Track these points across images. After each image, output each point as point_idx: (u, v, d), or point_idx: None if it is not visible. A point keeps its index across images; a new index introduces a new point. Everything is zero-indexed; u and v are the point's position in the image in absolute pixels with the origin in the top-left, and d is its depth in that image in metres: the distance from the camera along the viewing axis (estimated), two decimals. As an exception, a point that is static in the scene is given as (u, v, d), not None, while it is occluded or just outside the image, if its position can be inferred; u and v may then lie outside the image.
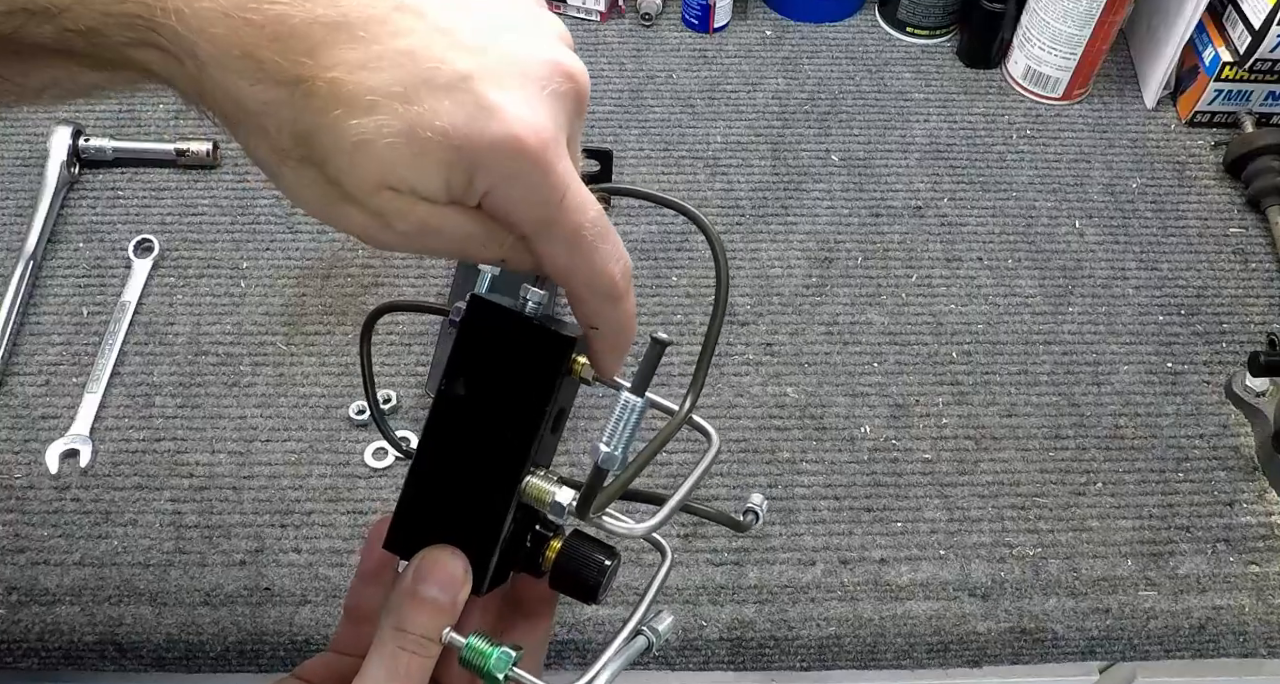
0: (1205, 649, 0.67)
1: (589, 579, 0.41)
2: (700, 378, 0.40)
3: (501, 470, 0.39)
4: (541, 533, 0.42)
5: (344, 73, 0.28)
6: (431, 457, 0.40)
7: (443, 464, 0.40)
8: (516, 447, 0.39)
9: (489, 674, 0.38)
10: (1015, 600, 0.66)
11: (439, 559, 0.39)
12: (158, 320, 0.74)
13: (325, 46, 0.28)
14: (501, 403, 0.39)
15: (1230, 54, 0.85)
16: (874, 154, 0.87)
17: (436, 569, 0.38)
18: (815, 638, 0.64)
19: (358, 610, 0.44)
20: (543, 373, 0.38)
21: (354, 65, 0.29)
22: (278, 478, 0.68)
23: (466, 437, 0.39)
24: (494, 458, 0.39)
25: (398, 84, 0.29)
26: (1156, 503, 0.70)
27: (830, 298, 0.78)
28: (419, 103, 0.29)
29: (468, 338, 0.39)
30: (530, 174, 0.31)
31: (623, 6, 0.96)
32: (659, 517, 0.39)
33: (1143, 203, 0.85)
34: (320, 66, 0.28)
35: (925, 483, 0.70)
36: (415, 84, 0.29)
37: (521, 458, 0.39)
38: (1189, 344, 0.77)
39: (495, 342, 0.39)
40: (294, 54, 0.28)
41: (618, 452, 0.37)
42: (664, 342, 0.36)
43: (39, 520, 0.66)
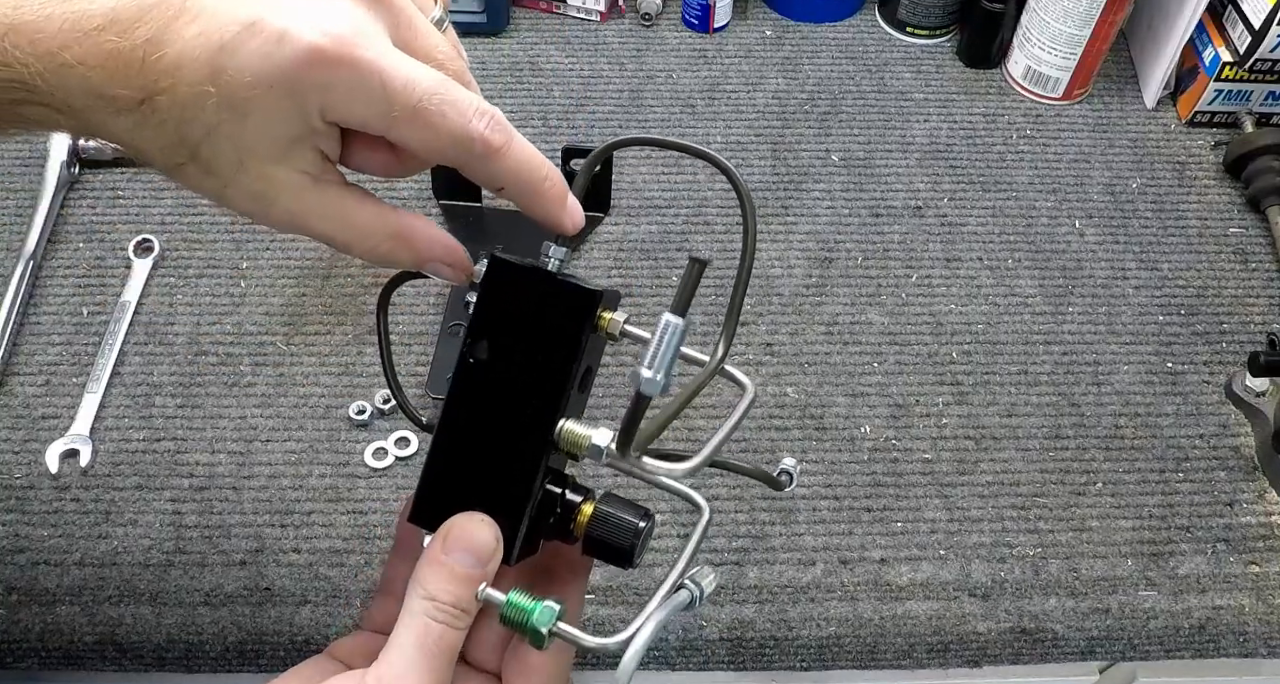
0: (1205, 649, 0.67)
1: (624, 543, 0.40)
2: (732, 326, 0.39)
3: (529, 433, 0.38)
4: (571, 499, 0.40)
5: (168, 81, 0.32)
6: (455, 425, 0.39)
7: (467, 431, 0.38)
8: (544, 407, 0.38)
9: (532, 629, 0.37)
10: (1015, 600, 0.66)
11: (467, 526, 0.38)
12: (158, 320, 0.74)
13: (148, 64, 0.32)
14: (527, 363, 0.38)
15: (1230, 54, 0.85)
16: (874, 154, 0.87)
17: (465, 536, 0.38)
18: (815, 638, 0.64)
19: (391, 585, 0.43)
20: (569, 328, 0.38)
21: (170, 69, 0.32)
22: (278, 478, 0.68)
23: (491, 401, 0.38)
24: (521, 421, 0.38)
25: (205, 65, 0.32)
26: (1156, 503, 0.70)
27: (830, 298, 0.78)
28: (227, 69, 0.32)
29: (489, 298, 0.38)
30: (342, 74, 0.33)
31: (623, 6, 0.96)
32: (699, 457, 0.38)
33: (1143, 203, 0.85)
34: (151, 82, 0.32)
35: (925, 483, 0.70)
36: (216, 55, 0.32)
37: (550, 419, 0.38)
38: (1189, 344, 0.77)
39: (518, 300, 0.38)
40: (131, 81, 0.32)
41: (659, 376, 0.35)
42: (703, 260, 0.35)
43: (39, 520, 0.66)
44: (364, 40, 0.33)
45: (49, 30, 0.32)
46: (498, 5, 0.91)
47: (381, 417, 0.71)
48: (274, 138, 0.34)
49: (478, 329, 0.38)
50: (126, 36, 0.32)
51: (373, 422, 0.70)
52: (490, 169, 0.37)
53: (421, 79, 0.34)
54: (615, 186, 0.81)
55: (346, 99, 0.34)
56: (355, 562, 0.65)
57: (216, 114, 0.32)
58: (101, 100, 0.33)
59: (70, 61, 0.32)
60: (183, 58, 0.32)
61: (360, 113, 0.34)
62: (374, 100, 0.34)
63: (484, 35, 0.92)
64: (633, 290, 0.78)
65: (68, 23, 0.32)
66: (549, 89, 0.89)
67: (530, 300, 0.38)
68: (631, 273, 0.79)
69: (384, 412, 0.70)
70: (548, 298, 0.38)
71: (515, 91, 0.89)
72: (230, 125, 0.33)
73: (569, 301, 0.38)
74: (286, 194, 0.35)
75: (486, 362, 0.38)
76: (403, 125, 0.35)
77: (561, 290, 0.38)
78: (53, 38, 0.32)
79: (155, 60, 0.32)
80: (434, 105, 0.34)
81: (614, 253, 0.79)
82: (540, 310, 0.38)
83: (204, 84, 0.32)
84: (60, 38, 0.32)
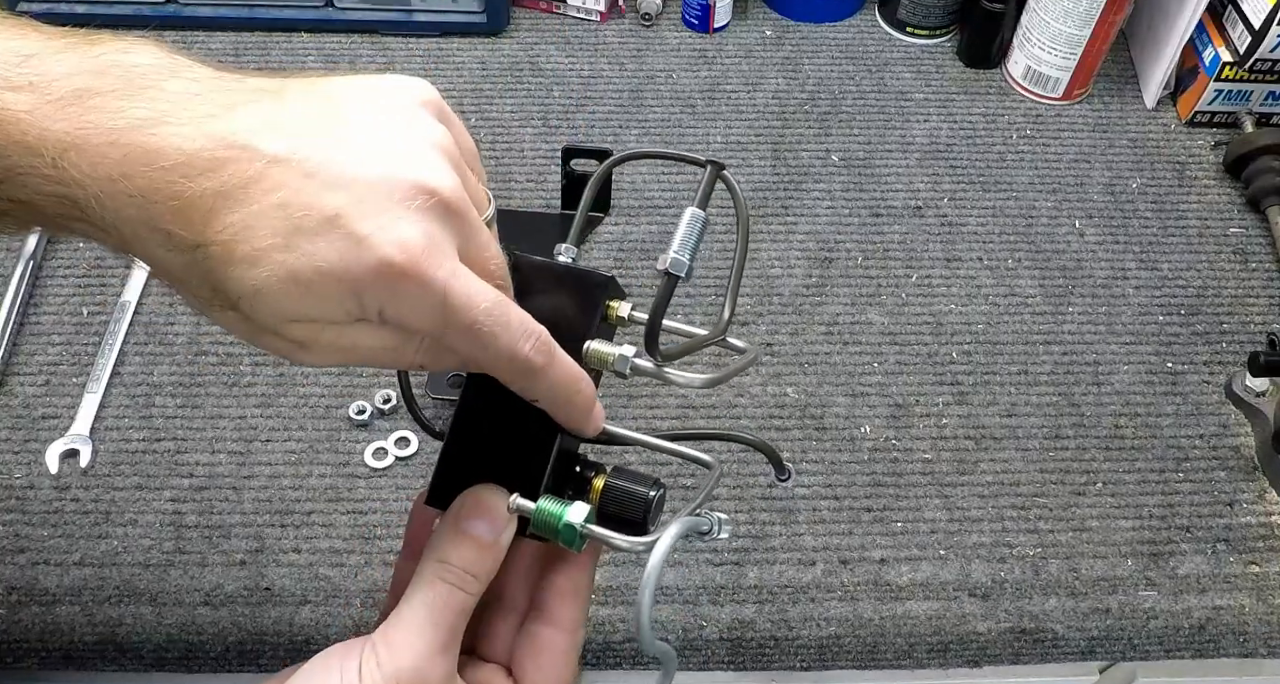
0: (1205, 649, 0.67)
1: (636, 513, 0.41)
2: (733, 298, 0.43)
3: (543, 413, 0.40)
4: (582, 474, 0.42)
5: (230, 235, 0.33)
6: (471, 409, 0.41)
7: (483, 415, 0.41)
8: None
9: (565, 526, 0.39)
10: (1015, 600, 0.66)
11: (481, 495, 0.40)
12: (158, 320, 0.74)
13: (215, 213, 0.33)
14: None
15: (1230, 54, 0.85)
16: (874, 154, 0.87)
17: (480, 506, 0.40)
18: (815, 638, 0.64)
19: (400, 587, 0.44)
20: (584, 310, 0.41)
21: (238, 227, 0.33)
22: (278, 478, 0.68)
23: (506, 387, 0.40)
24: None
25: (276, 236, 0.33)
26: (1156, 503, 0.70)
27: (830, 298, 0.78)
28: (296, 249, 0.33)
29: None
30: (409, 288, 0.34)
31: (623, 6, 0.96)
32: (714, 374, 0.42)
33: (1143, 203, 0.85)
34: (213, 232, 0.33)
35: (925, 483, 0.70)
36: (290, 233, 0.33)
37: None
38: (1189, 344, 0.77)
39: (535, 289, 0.41)
40: (192, 225, 0.33)
41: (685, 257, 0.40)
42: (720, 165, 0.40)
43: (39, 520, 0.66)
44: (435, 255, 0.34)
45: (114, 157, 0.32)
46: (498, 5, 0.91)
47: (381, 417, 0.71)
48: (324, 313, 0.35)
49: None
50: (196, 182, 0.32)
51: (373, 422, 0.70)
52: (529, 385, 0.39)
53: (480, 299, 0.36)
54: (615, 186, 0.81)
55: (407, 308, 0.35)
56: (355, 562, 0.65)
57: (272, 282, 0.33)
58: (156, 234, 0.33)
59: (131, 191, 0.32)
60: (253, 222, 0.33)
61: (415, 322, 0.35)
62: (433, 314, 0.35)
63: (484, 35, 0.92)
64: (633, 290, 0.78)
65: (134, 153, 0.32)
66: (549, 89, 0.89)
67: (548, 288, 0.41)
68: (631, 273, 0.79)
69: (384, 412, 0.70)
70: (564, 284, 0.41)
71: (515, 91, 0.89)
72: (282, 295, 0.34)
73: (584, 286, 0.41)
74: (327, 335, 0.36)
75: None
76: (454, 338, 0.36)
77: (577, 276, 0.41)
78: (116, 165, 0.32)
79: (223, 214, 0.33)
80: (487, 326, 0.36)
81: (614, 253, 0.79)
82: (557, 297, 0.41)
83: (270, 252, 0.33)
84: (124, 166, 0.32)
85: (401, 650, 0.38)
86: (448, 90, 0.88)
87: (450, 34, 0.92)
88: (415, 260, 0.34)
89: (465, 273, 0.35)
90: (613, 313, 0.42)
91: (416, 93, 0.37)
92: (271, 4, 0.91)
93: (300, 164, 0.33)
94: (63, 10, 0.91)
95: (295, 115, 0.34)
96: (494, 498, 0.40)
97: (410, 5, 0.91)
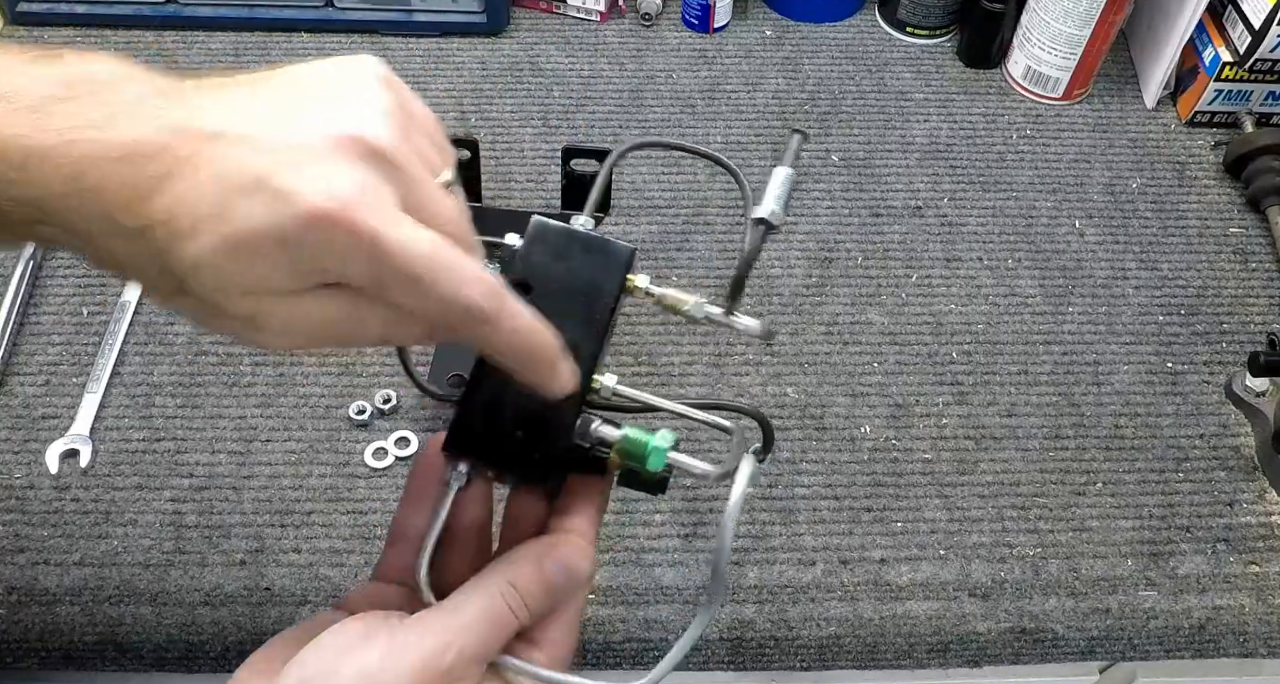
0: (1205, 649, 0.67)
1: (663, 477, 0.42)
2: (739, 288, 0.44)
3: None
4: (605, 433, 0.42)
5: (170, 213, 0.33)
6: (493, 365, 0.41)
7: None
8: (585, 347, 0.41)
9: (654, 451, 0.40)
10: (1015, 600, 0.66)
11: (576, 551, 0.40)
12: (158, 320, 0.74)
13: (157, 194, 0.33)
14: (566, 308, 0.41)
15: (1230, 54, 0.85)
16: (874, 154, 0.87)
17: (571, 557, 0.40)
18: (815, 638, 0.64)
19: (404, 532, 0.44)
20: (610, 277, 0.42)
21: (177, 203, 0.33)
22: (278, 478, 0.68)
23: None
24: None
25: (212, 206, 0.33)
26: (1156, 503, 0.70)
27: (830, 298, 0.78)
28: (230, 214, 0.33)
29: (532, 249, 0.42)
30: (340, 237, 0.34)
31: (623, 6, 0.96)
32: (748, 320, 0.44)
33: (1143, 203, 0.85)
34: (155, 212, 0.33)
35: (925, 483, 0.70)
36: (224, 200, 0.33)
37: (592, 359, 0.41)
38: (1189, 344, 0.77)
39: (560, 253, 0.42)
40: (138, 209, 0.33)
41: (779, 208, 0.43)
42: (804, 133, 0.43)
43: (39, 520, 0.66)
44: (367, 205, 0.34)
45: (72, 156, 0.33)
46: (498, 5, 0.91)
47: (381, 417, 0.71)
48: (270, 281, 0.35)
49: (521, 275, 0.42)
50: (142, 169, 0.33)
51: (373, 422, 0.70)
52: (481, 335, 0.38)
53: (421, 246, 0.35)
54: (615, 186, 0.81)
55: (342, 261, 0.35)
56: (355, 562, 0.65)
57: (210, 252, 0.34)
58: (110, 225, 0.34)
59: (87, 187, 0.33)
60: (188, 195, 0.33)
61: (355, 274, 0.35)
62: (370, 265, 0.35)
63: (484, 35, 0.92)
64: (633, 290, 0.78)
65: (90, 149, 0.33)
66: (549, 89, 0.89)
67: (573, 254, 0.42)
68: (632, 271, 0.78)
69: (384, 412, 0.70)
70: (589, 251, 0.42)
71: (515, 91, 0.89)
72: (222, 265, 0.34)
73: (611, 256, 0.42)
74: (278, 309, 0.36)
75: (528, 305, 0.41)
76: (395, 289, 0.36)
77: (603, 246, 0.42)
78: (74, 164, 0.33)
79: (165, 193, 0.33)
80: (426, 273, 0.35)
81: (614, 253, 0.79)
82: (583, 263, 0.42)
83: (204, 222, 0.33)
84: (81, 164, 0.33)
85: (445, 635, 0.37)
86: (448, 90, 0.89)
87: (450, 34, 0.92)
88: (344, 207, 0.33)
89: (402, 220, 0.35)
90: (630, 283, 0.43)
91: (365, 66, 0.38)
92: (271, 4, 0.91)
93: (237, 135, 0.34)
94: (63, 10, 0.91)
95: (240, 96, 0.35)
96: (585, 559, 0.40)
97: (410, 5, 0.91)
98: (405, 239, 0.35)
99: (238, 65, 0.89)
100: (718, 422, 0.45)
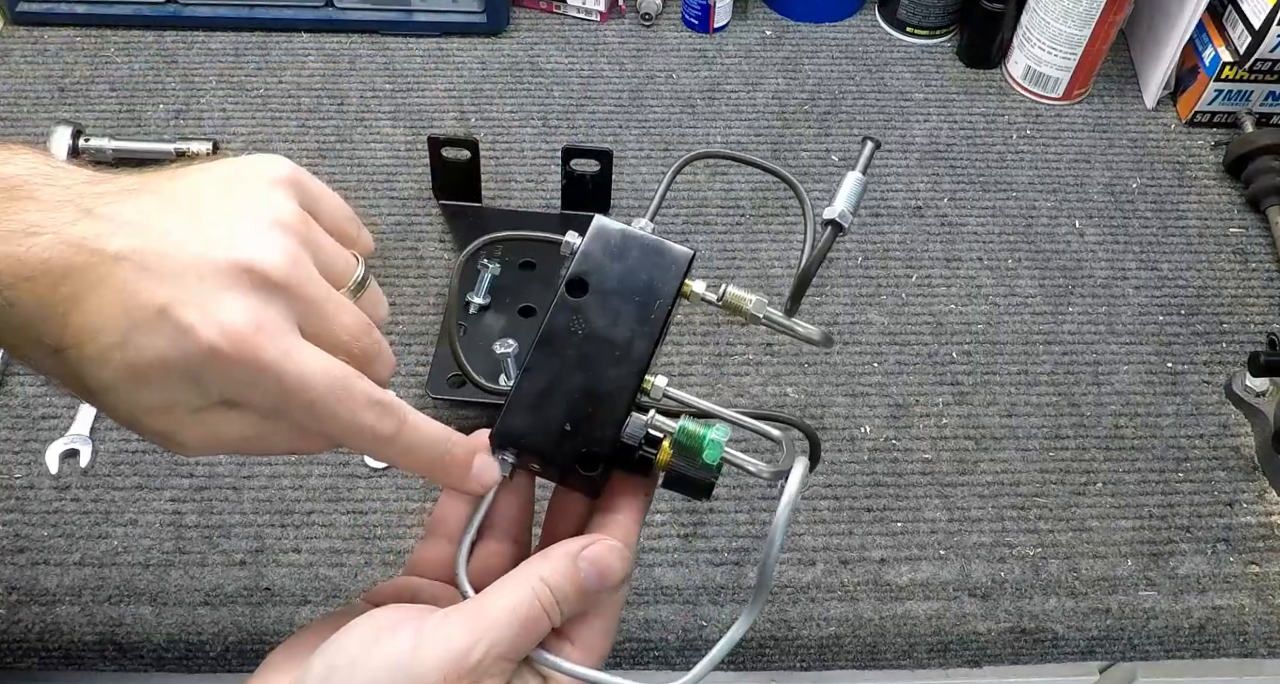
0: (1205, 649, 0.67)
1: (708, 480, 0.42)
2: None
3: (622, 368, 0.41)
4: (654, 434, 0.42)
5: (80, 338, 0.35)
6: (548, 357, 0.41)
7: (559, 364, 0.41)
8: (639, 348, 0.41)
9: (711, 444, 0.40)
10: (1015, 600, 0.66)
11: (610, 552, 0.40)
12: (158, 320, 0.74)
13: (69, 317, 0.35)
14: (622, 309, 0.42)
15: (1230, 54, 0.85)
16: (874, 154, 0.87)
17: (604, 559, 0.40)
18: (815, 638, 0.64)
19: (443, 525, 0.44)
20: (668, 279, 0.42)
21: (86, 329, 0.35)
22: (278, 478, 0.68)
23: (585, 339, 0.42)
24: (614, 357, 0.41)
25: (116, 334, 0.35)
26: (1156, 503, 0.70)
27: (830, 298, 0.78)
28: (134, 346, 0.35)
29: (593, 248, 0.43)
30: (241, 372, 0.35)
31: (623, 6, 0.96)
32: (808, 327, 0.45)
33: (1143, 203, 0.85)
34: (69, 336, 0.35)
35: (925, 483, 0.70)
36: (128, 331, 0.35)
37: (645, 358, 0.41)
38: (1189, 344, 0.77)
39: (619, 254, 0.43)
40: (53, 330, 0.35)
41: (849, 210, 0.44)
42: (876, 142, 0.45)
43: (39, 520, 0.66)
44: (265, 336, 0.35)
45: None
46: (498, 5, 0.91)
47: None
48: (177, 400, 0.36)
49: (579, 273, 0.42)
50: (55, 290, 0.34)
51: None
52: (385, 454, 0.39)
53: (316, 376, 0.36)
54: (615, 186, 0.81)
55: (245, 391, 0.36)
56: (355, 562, 0.65)
57: (118, 379, 0.35)
58: (31, 339, 0.35)
59: (7, 301, 0.35)
60: (98, 323, 0.35)
61: (257, 401, 0.36)
62: (272, 395, 0.36)
63: (484, 35, 0.92)
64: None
65: (8, 266, 0.34)
66: (549, 89, 0.89)
67: (631, 255, 0.43)
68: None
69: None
70: (648, 252, 0.43)
71: (515, 91, 0.89)
72: (131, 389, 0.36)
73: (668, 256, 0.43)
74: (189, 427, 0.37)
75: (585, 302, 0.42)
76: (296, 414, 0.37)
77: (662, 248, 0.43)
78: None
79: (75, 317, 0.35)
80: (327, 403, 0.37)
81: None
82: (641, 262, 0.43)
83: (109, 351, 0.35)
84: (3, 278, 0.34)
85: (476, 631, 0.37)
86: (448, 90, 0.89)
87: (450, 34, 0.92)
88: (241, 344, 0.35)
89: (302, 349, 0.36)
90: (687, 288, 0.43)
91: (269, 170, 0.39)
92: (271, 4, 0.91)
93: (139, 259, 0.35)
94: (63, 10, 0.91)
95: (146, 210, 0.36)
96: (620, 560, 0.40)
97: (410, 5, 0.91)
98: (303, 370, 0.36)
99: (237, 65, 0.89)
100: (766, 430, 0.44)
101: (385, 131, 0.86)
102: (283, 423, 0.38)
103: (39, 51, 0.89)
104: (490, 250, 0.77)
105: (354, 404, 0.37)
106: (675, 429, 0.41)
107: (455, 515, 0.43)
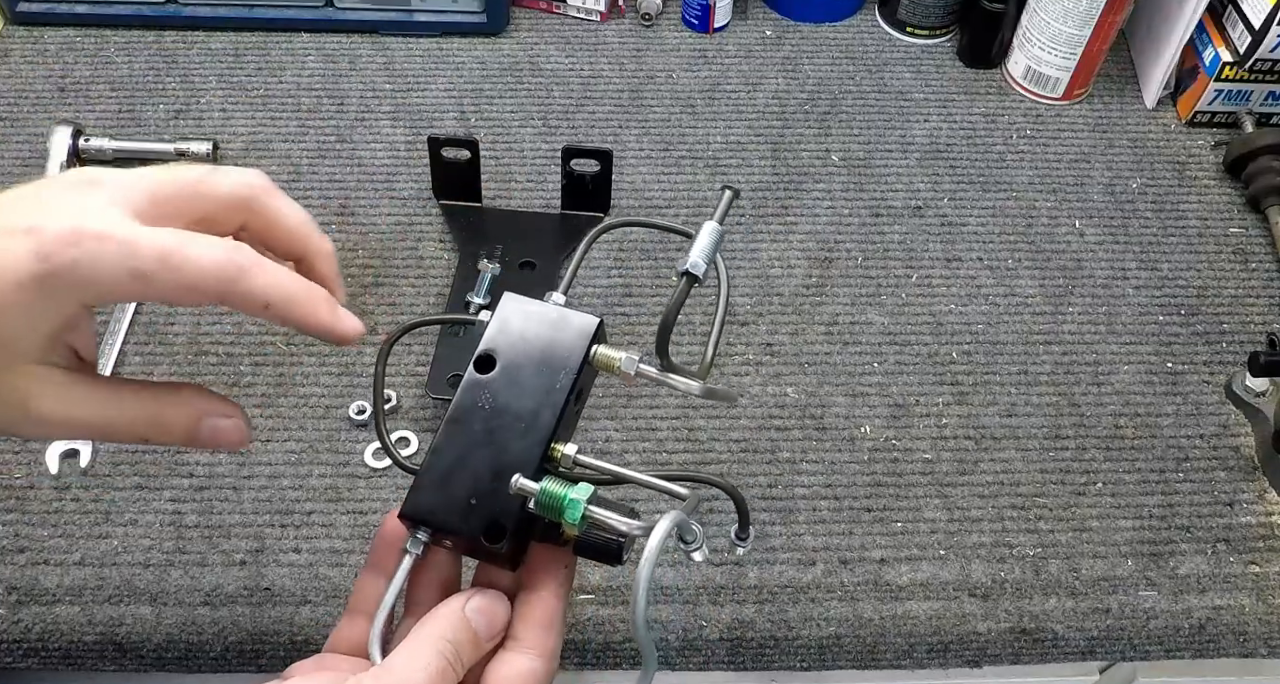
0: (1205, 649, 0.67)
1: (612, 544, 0.42)
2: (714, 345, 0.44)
3: (528, 439, 0.41)
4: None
5: None
6: (457, 432, 0.42)
7: (468, 439, 0.42)
8: (544, 418, 0.42)
9: (570, 504, 0.39)
10: (1015, 600, 0.66)
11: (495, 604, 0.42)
12: (158, 320, 0.74)
13: None
14: (531, 380, 0.42)
15: (1230, 54, 0.85)
16: (874, 154, 0.87)
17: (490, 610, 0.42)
18: (815, 638, 0.65)
19: (364, 603, 0.44)
20: (573, 348, 0.43)
21: None
22: (278, 478, 0.68)
23: (493, 412, 0.42)
24: (520, 429, 0.42)
25: None
26: (1156, 503, 0.70)
27: (830, 298, 0.78)
28: None
29: (502, 323, 0.43)
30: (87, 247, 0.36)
31: (623, 6, 0.96)
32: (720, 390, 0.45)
33: (1143, 203, 0.85)
34: None
35: (925, 483, 0.70)
36: None
37: (549, 428, 0.41)
38: (1189, 344, 0.77)
39: (527, 326, 0.43)
40: None
41: (702, 262, 0.42)
42: (735, 190, 0.44)
43: (39, 520, 0.66)
44: (98, 217, 0.37)
45: None
46: (498, 5, 0.91)
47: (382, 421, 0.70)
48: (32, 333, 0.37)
49: (486, 351, 0.43)
50: None
51: (373, 422, 0.70)
52: (241, 293, 0.39)
53: (155, 234, 0.38)
54: (615, 186, 0.81)
55: (94, 270, 0.36)
56: (355, 562, 0.65)
57: None
58: None
59: None
60: None
61: (109, 276, 0.37)
62: (120, 261, 0.37)
63: (484, 35, 0.92)
64: (632, 290, 0.78)
65: None
66: (549, 89, 0.89)
67: (539, 326, 0.43)
68: (631, 273, 0.79)
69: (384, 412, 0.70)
70: (555, 324, 0.43)
71: (515, 91, 0.89)
72: None
73: (574, 326, 0.43)
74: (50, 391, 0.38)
75: (493, 377, 0.43)
76: (155, 277, 0.37)
77: (567, 318, 0.43)
78: None
79: None
80: (177, 251, 0.37)
81: (614, 253, 0.79)
82: (548, 335, 0.43)
83: None
84: None
85: None
86: (448, 90, 0.89)
87: (450, 34, 0.92)
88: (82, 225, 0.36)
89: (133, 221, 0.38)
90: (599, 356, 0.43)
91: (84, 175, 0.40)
92: (271, 4, 0.91)
93: None
94: (63, 10, 0.91)
95: None
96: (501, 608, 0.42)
97: (410, 5, 0.91)
98: (149, 233, 0.37)
99: (237, 65, 0.89)
100: (673, 489, 0.43)
101: (385, 131, 0.86)
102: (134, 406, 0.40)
103: (39, 51, 0.89)
104: (490, 250, 0.77)
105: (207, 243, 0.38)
106: (536, 491, 0.40)
107: (376, 593, 0.44)
